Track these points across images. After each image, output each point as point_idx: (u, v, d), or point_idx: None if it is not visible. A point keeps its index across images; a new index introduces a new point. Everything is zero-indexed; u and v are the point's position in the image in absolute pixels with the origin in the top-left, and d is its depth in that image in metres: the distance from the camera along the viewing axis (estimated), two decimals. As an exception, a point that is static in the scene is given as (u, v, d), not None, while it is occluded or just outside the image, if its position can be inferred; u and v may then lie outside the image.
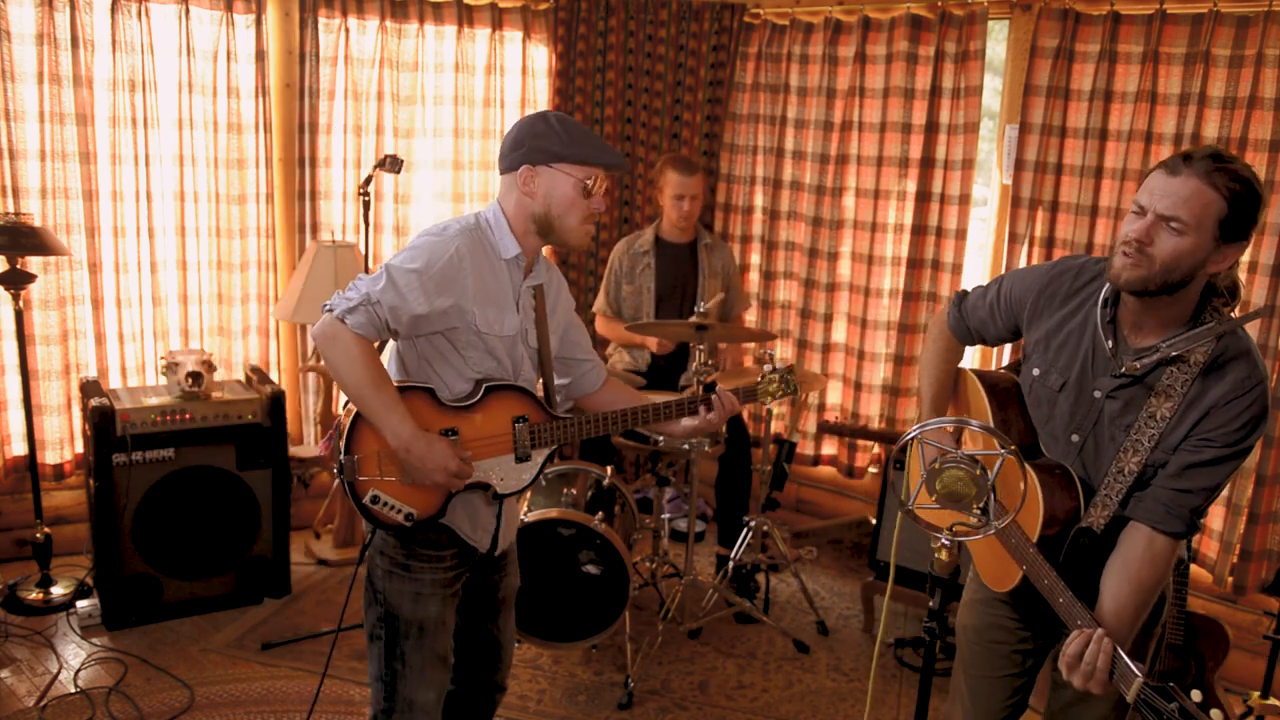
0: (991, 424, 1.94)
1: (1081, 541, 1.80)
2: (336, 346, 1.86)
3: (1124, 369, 1.75)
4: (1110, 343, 1.79)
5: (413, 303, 1.86)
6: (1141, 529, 1.75)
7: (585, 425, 2.08)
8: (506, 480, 2.03)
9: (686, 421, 2.16)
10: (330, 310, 1.89)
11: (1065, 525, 1.80)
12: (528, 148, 1.95)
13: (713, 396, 2.14)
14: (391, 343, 2.04)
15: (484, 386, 1.97)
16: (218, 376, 3.66)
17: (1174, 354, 1.69)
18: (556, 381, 2.18)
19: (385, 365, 1.97)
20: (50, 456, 3.67)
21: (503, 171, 2.01)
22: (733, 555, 3.68)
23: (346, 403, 1.97)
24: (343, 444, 1.91)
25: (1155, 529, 1.73)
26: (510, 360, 2.02)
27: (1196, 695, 2.51)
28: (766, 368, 2.28)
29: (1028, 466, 1.81)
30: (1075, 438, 1.86)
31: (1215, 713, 2.48)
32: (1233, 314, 1.74)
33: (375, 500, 1.92)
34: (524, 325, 2.04)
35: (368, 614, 2.06)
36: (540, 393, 2.09)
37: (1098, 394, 1.82)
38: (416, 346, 1.98)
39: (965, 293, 2.13)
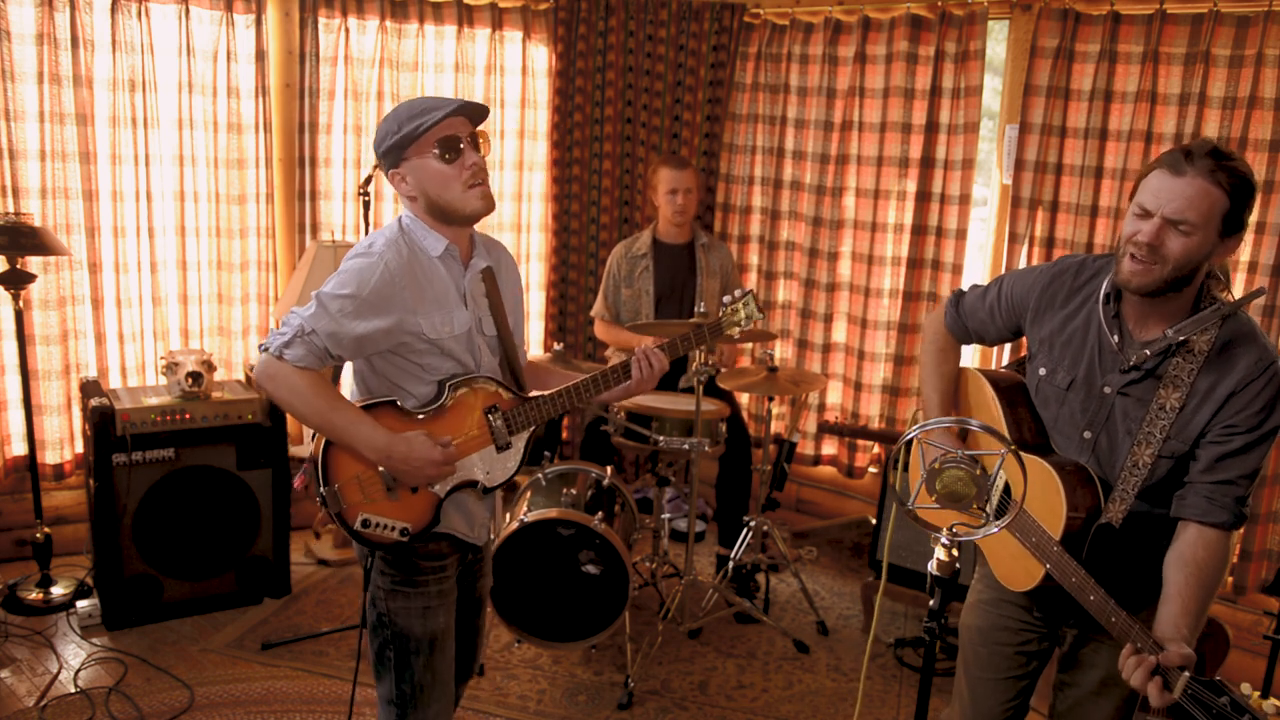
0: (1004, 423, 1.94)
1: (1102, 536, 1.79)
2: (279, 383, 1.82)
3: (1133, 361, 1.76)
4: (1116, 338, 1.80)
5: (350, 326, 1.81)
6: (1190, 525, 1.74)
7: (555, 401, 2.01)
8: (492, 473, 2.00)
9: (625, 385, 2.08)
10: (266, 349, 1.83)
11: (1086, 522, 1.80)
12: (381, 157, 1.90)
13: (632, 360, 2.06)
14: (349, 366, 1.97)
15: (446, 385, 1.93)
16: (218, 376, 3.66)
17: (1180, 339, 1.70)
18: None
19: (347, 388, 1.90)
20: (50, 456, 3.67)
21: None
22: (733, 555, 3.68)
23: (314, 434, 1.92)
24: (319, 476, 1.87)
25: (1203, 523, 1.72)
26: (470, 356, 1.97)
27: (1247, 687, 2.50)
28: (727, 299, 2.22)
29: (1046, 462, 1.82)
30: (1088, 434, 1.85)
31: (1269, 704, 2.47)
32: (1228, 296, 1.76)
33: (366, 524, 1.89)
34: (476, 316, 1.97)
35: (373, 637, 2.01)
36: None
37: (1108, 390, 1.82)
38: (374, 365, 1.93)
39: (962, 293, 2.12)
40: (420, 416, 1.92)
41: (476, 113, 1.91)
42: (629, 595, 3.04)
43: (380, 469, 1.89)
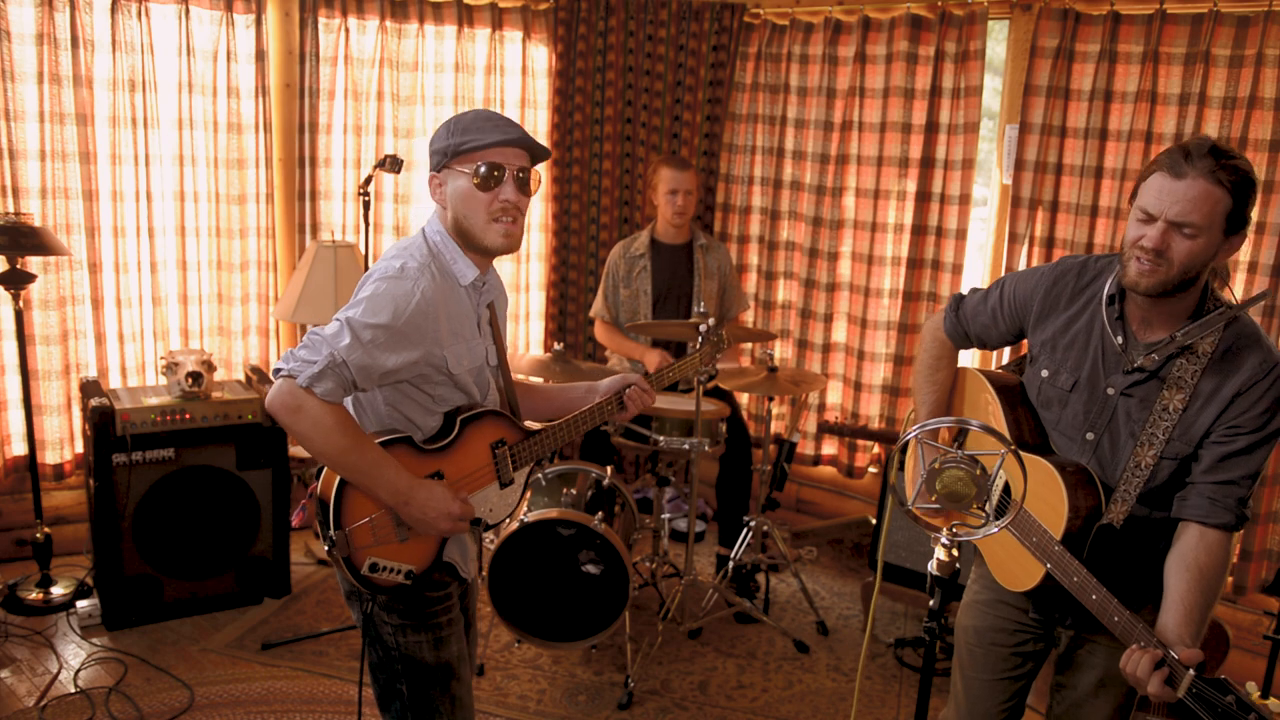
0: (1005, 424, 1.94)
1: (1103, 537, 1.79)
2: (303, 417, 1.68)
3: (1138, 364, 1.76)
4: (1120, 339, 1.80)
5: (382, 359, 1.71)
6: (1191, 526, 1.73)
7: (554, 435, 2.02)
8: (495, 510, 1.98)
9: (620, 415, 2.13)
10: (291, 376, 1.67)
11: (1086, 522, 1.79)
12: (431, 155, 1.86)
13: (624, 398, 2.10)
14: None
15: (458, 420, 1.88)
16: (218, 376, 3.66)
17: (1187, 343, 1.70)
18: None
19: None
20: (50, 456, 3.68)
21: None
22: (733, 555, 3.68)
23: (320, 470, 1.84)
24: (331, 519, 1.77)
25: (1205, 524, 1.72)
26: (478, 387, 1.93)
27: (1252, 686, 2.49)
28: (701, 328, 2.24)
29: (1048, 463, 1.82)
30: (1090, 435, 1.85)
31: (1273, 701, 2.47)
32: (1230, 296, 1.76)
33: (375, 568, 1.81)
34: (486, 346, 1.94)
35: (378, 675, 1.94)
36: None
37: (1111, 391, 1.82)
38: (384, 395, 1.85)
39: (961, 297, 2.12)
40: (433, 453, 1.85)
41: (536, 151, 1.87)
42: (629, 595, 3.04)
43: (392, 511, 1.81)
